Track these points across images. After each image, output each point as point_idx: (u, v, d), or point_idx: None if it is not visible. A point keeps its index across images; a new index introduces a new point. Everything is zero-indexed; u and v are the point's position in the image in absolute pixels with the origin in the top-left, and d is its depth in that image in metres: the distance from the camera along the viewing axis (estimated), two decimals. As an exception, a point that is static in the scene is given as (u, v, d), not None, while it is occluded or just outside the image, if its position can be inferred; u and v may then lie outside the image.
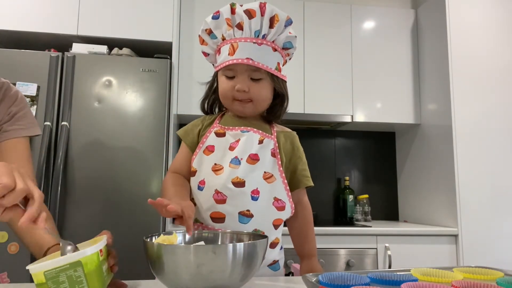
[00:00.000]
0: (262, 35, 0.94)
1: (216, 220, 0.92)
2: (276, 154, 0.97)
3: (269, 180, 0.94)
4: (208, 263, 0.61)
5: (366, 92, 2.53)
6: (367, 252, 2.10)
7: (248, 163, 0.93)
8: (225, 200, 0.91)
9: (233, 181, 0.91)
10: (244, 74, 0.94)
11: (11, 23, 2.06)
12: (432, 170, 2.42)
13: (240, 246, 0.64)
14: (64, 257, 0.60)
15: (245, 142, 0.95)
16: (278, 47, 0.97)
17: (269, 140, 0.98)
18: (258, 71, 0.93)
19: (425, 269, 0.67)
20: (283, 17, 0.94)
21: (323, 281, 0.60)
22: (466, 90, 2.28)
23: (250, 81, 0.94)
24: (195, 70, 2.36)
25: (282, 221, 0.97)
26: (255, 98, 0.95)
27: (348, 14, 2.59)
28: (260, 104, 0.98)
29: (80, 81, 1.97)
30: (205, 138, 1.00)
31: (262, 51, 0.93)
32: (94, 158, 1.92)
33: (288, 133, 1.05)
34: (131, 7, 2.16)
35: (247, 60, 0.91)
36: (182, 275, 0.62)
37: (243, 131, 0.97)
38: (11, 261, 1.77)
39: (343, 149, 2.84)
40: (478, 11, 2.37)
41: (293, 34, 0.98)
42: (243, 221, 0.91)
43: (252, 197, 0.91)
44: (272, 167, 0.96)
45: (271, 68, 0.94)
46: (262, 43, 0.93)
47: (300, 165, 1.02)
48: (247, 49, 0.92)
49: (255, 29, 0.93)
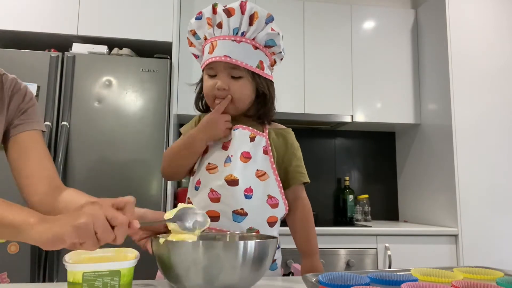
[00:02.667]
0: (241, 32, 0.94)
1: (211, 219, 0.93)
2: (268, 151, 0.97)
3: (262, 178, 0.94)
4: (218, 260, 0.61)
5: (366, 92, 2.53)
6: (367, 252, 2.10)
7: (241, 161, 0.93)
8: (219, 199, 0.92)
9: (227, 179, 0.91)
10: (223, 72, 0.94)
11: (11, 23, 2.06)
12: (432, 170, 2.42)
13: (251, 244, 0.64)
14: (106, 264, 0.62)
15: (237, 140, 0.95)
16: (260, 45, 0.96)
17: (260, 137, 0.98)
18: (237, 68, 0.93)
19: (425, 269, 0.67)
20: (263, 14, 0.94)
21: (323, 281, 0.60)
22: (466, 90, 2.28)
23: (230, 79, 0.94)
24: (195, 70, 2.35)
25: (277, 218, 0.97)
26: (235, 97, 0.94)
27: (348, 14, 2.59)
28: (241, 103, 0.97)
29: (80, 81, 1.97)
30: None
31: (241, 48, 0.93)
32: (94, 158, 1.92)
33: (281, 129, 1.04)
34: (131, 7, 2.16)
35: (224, 58, 0.91)
36: (190, 273, 0.62)
37: (234, 130, 0.97)
38: (11, 261, 1.77)
39: (343, 149, 2.84)
40: (478, 11, 2.37)
41: (275, 32, 0.96)
42: (237, 220, 0.91)
43: (245, 195, 0.91)
44: (265, 165, 0.96)
45: (251, 66, 0.93)
46: (241, 41, 0.93)
47: (294, 161, 1.01)
48: (226, 47, 0.93)
49: (233, 26, 0.93)
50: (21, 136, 0.93)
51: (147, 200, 1.93)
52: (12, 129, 0.93)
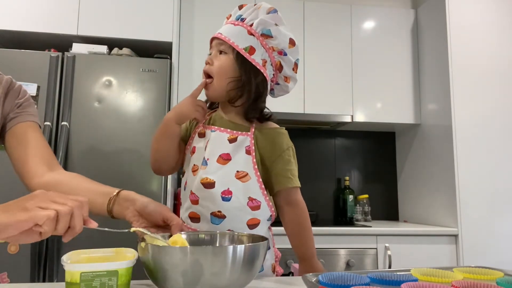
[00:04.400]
0: (241, 18, 0.98)
1: (193, 220, 0.94)
2: (251, 151, 0.93)
3: (243, 179, 0.91)
4: (207, 266, 0.60)
5: (366, 92, 2.53)
6: (367, 252, 2.10)
7: (219, 163, 0.91)
8: (197, 201, 0.92)
9: (203, 182, 0.91)
10: (214, 48, 0.98)
11: (11, 23, 2.06)
12: (432, 170, 2.42)
13: (240, 248, 0.62)
14: (104, 264, 0.62)
15: (212, 142, 0.94)
16: (256, 32, 0.96)
17: (243, 137, 0.94)
18: (224, 44, 0.95)
19: (425, 269, 0.67)
20: (266, 6, 0.98)
21: (323, 281, 0.60)
22: (466, 90, 2.28)
23: (218, 55, 0.96)
24: (195, 70, 2.36)
25: (258, 220, 0.93)
26: (214, 71, 0.95)
27: (348, 14, 2.59)
28: (219, 80, 0.94)
29: (80, 81, 1.97)
30: (191, 139, 1.01)
31: (235, 30, 0.96)
32: (94, 158, 1.92)
33: (270, 129, 0.98)
34: (131, 7, 2.16)
35: (217, 34, 0.97)
36: (177, 278, 0.61)
37: (211, 131, 0.96)
38: (11, 261, 1.77)
39: (343, 149, 2.84)
40: (478, 11, 2.37)
41: (271, 21, 0.97)
42: (215, 222, 0.90)
43: (222, 197, 0.90)
44: (246, 165, 0.92)
45: (237, 45, 0.94)
46: (238, 25, 0.97)
47: (280, 164, 0.94)
48: (224, 28, 0.98)
49: (238, 14, 0.99)
50: (18, 127, 0.95)
51: (147, 200, 1.93)
52: (8, 122, 0.95)
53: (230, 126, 0.96)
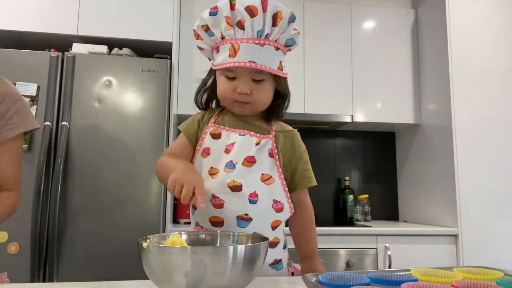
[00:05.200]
0: (265, 35, 0.89)
1: (215, 224, 0.91)
2: (274, 155, 0.94)
3: (268, 182, 0.92)
4: (210, 266, 0.60)
5: (366, 92, 2.53)
6: (367, 252, 2.10)
7: (244, 165, 0.90)
8: (222, 205, 0.89)
9: (230, 185, 0.89)
10: (246, 76, 0.90)
11: (11, 23, 2.06)
12: (432, 170, 2.42)
13: (241, 248, 0.62)
14: None
15: (241, 146, 0.92)
16: (281, 45, 0.93)
17: (266, 140, 0.95)
18: (261, 72, 0.90)
19: (425, 269, 0.67)
20: (286, 14, 0.90)
21: (323, 281, 0.60)
22: (466, 90, 2.28)
23: (252, 83, 0.91)
24: (195, 70, 2.35)
25: (280, 222, 0.95)
26: (256, 100, 0.92)
27: (348, 14, 2.59)
28: (261, 106, 0.96)
29: (80, 81, 1.97)
30: (201, 140, 0.97)
31: (265, 52, 0.89)
32: (94, 158, 1.92)
33: (288, 132, 1.01)
34: (131, 7, 2.16)
35: (249, 64, 0.87)
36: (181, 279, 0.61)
37: (240, 134, 0.94)
38: (11, 261, 1.77)
39: (343, 149, 2.84)
40: (478, 11, 2.37)
41: (296, 31, 0.94)
42: (241, 225, 0.89)
43: (250, 200, 0.89)
44: (270, 168, 0.93)
45: (273, 69, 0.90)
46: (264, 44, 0.89)
47: (301, 165, 0.98)
48: (250, 51, 0.88)
49: (257, 28, 0.88)
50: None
51: (147, 200, 1.93)
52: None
53: (255, 130, 0.96)
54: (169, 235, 0.77)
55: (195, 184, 0.78)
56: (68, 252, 1.83)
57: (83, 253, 1.84)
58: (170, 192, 0.81)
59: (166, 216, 1.97)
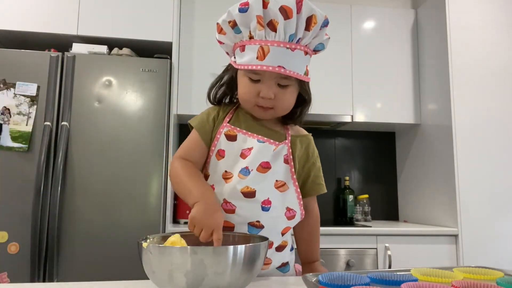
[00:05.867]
0: (297, 39, 0.84)
1: (225, 229, 0.86)
2: (290, 161, 0.91)
3: (282, 189, 0.89)
4: (211, 266, 0.60)
5: (366, 92, 2.53)
6: (367, 252, 2.10)
7: (259, 171, 0.87)
8: (234, 210, 0.87)
9: (243, 191, 0.86)
10: (271, 80, 0.86)
11: (11, 23, 2.06)
12: (432, 170, 2.42)
13: (241, 249, 0.62)
14: None
15: (259, 153, 0.88)
16: (310, 50, 0.89)
17: (282, 146, 0.91)
18: (287, 78, 0.86)
19: (425, 269, 0.67)
20: (320, 18, 0.84)
21: (323, 281, 0.60)
22: (466, 90, 2.28)
23: (277, 88, 0.86)
24: (195, 70, 2.35)
25: (290, 228, 0.94)
26: (279, 105, 0.89)
27: (348, 14, 2.59)
28: (283, 111, 0.92)
29: (80, 81, 1.97)
30: (216, 140, 0.92)
31: (295, 57, 0.84)
32: (94, 158, 1.92)
33: (304, 137, 0.99)
34: (131, 7, 2.16)
35: (279, 69, 0.82)
36: (181, 279, 0.61)
37: (259, 141, 0.90)
38: (11, 261, 1.77)
39: (343, 149, 2.84)
40: (478, 11, 2.37)
41: (327, 36, 0.91)
42: (252, 232, 0.87)
43: (262, 207, 0.86)
44: (285, 175, 0.90)
45: (300, 75, 0.86)
46: (295, 48, 0.84)
47: (314, 171, 0.96)
48: (279, 56, 0.83)
49: (290, 32, 0.82)
50: None
51: (147, 200, 1.93)
52: None
53: (273, 135, 0.93)
54: (169, 235, 0.77)
55: (214, 228, 0.76)
56: (68, 252, 1.83)
57: (83, 253, 1.84)
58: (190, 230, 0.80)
59: (166, 216, 1.97)
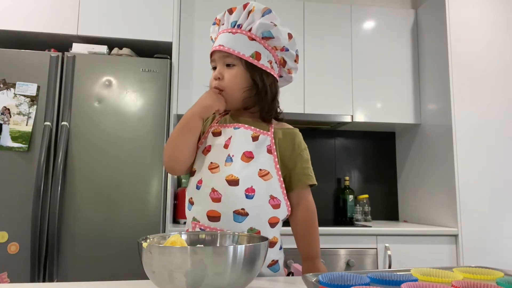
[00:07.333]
0: (237, 25, 0.98)
1: (212, 219, 0.92)
2: (273, 151, 0.96)
3: (265, 178, 0.93)
4: (211, 266, 0.60)
5: (366, 92, 2.53)
6: (367, 252, 2.10)
7: (243, 160, 0.93)
8: (220, 199, 0.91)
9: (227, 179, 0.91)
10: (220, 61, 0.98)
11: (11, 23, 2.06)
12: (432, 170, 2.42)
13: (241, 249, 0.62)
14: None
15: (237, 139, 0.96)
16: (256, 37, 0.97)
17: (265, 136, 0.97)
18: (230, 57, 0.96)
19: (425, 269, 0.67)
20: (259, 7, 0.98)
21: (323, 281, 0.60)
22: (466, 90, 2.28)
23: (225, 68, 0.97)
24: (195, 70, 2.36)
25: (278, 219, 0.95)
26: (225, 85, 0.97)
27: (348, 14, 2.59)
28: (233, 91, 0.97)
29: (80, 81, 1.97)
30: (203, 138, 1.01)
31: (236, 39, 0.96)
32: (94, 158, 1.92)
33: (289, 129, 1.03)
34: (131, 7, 2.16)
35: (219, 47, 0.96)
36: (181, 279, 0.61)
37: (235, 128, 0.98)
38: (11, 261, 1.77)
39: (343, 149, 2.84)
40: (478, 11, 2.37)
41: (270, 22, 0.97)
42: (238, 220, 0.90)
43: (246, 195, 0.90)
44: (268, 164, 0.95)
45: (243, 55, 0.95)
46: (236, 32, 0.97)
47: (300, 163, 0.98)
48: (223, 38, 0.98)
49: (232, 20, 0.99)
50: None
51: (147, 200, 1.93)
52: None
53: (252, 124, 0.99)
54: (169, 235, 0.77)
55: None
56: (68, 252, 1.83)
57: (83, 253, 1.84)
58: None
59: (166, 216, 1.97)
